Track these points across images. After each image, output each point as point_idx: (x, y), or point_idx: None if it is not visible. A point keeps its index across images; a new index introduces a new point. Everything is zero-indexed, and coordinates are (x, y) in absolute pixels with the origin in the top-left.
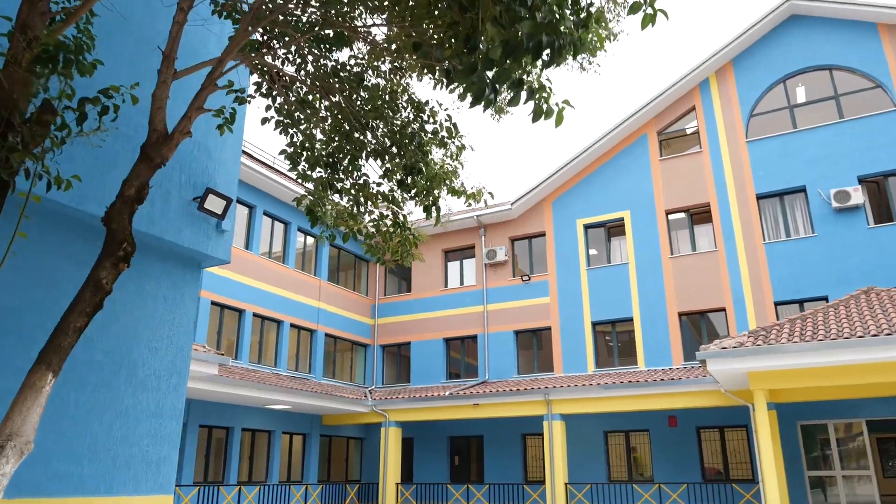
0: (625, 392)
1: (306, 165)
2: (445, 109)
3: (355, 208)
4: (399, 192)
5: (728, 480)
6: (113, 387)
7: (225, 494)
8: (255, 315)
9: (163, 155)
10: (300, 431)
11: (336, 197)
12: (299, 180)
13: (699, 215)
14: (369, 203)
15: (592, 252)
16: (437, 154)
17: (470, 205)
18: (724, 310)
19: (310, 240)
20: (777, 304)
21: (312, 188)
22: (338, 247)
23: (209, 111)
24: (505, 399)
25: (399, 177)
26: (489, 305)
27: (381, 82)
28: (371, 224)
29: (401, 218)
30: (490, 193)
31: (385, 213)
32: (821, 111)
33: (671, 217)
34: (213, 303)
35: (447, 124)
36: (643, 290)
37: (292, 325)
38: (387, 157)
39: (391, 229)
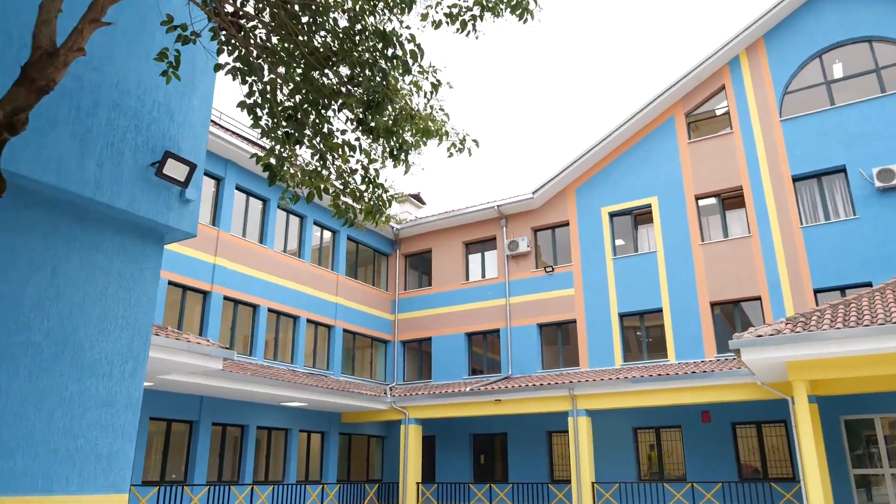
0: (654, 386)
1: (269, 120)
2: (413, 38)
3: (320, 163)
4: (364, 138)
5: (766, 479)
6: (54, 371)
7: (236, 494)
8: (270, 310)
9: (48, 76)
10: (318, 430)
11: (301, 151)
12: (263, 138)
13: (731, 200)
14: (335, 157)
15: (619, 241)
16: (407, 90)
17: (451, 154)
18: (759, 298)
19: (327, 234)
20: (816, 291)
21: (275, 144)
22: (356, 241)
23: (109, 24)
24: (527, 394)
25: (359, 115)
26: (512, 298)
27: (345, 20)
28: (339, 182)
29: (372, 172)
30: (475, 141)
31: (355, 167)
32: (860, 86)
33: (701, 202)
34: (225, 298)
35: (410, 46)
36: (673, 279)
37: (309, 321)
38: (349, 96)
39: (360, 187)
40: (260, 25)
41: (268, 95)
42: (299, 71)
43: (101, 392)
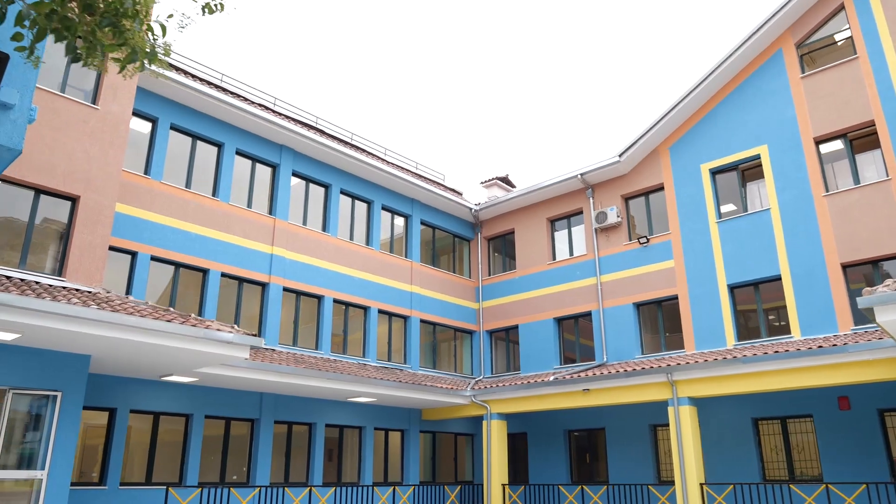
0: (769, 365)
1: None
2: None
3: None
4: None
5: None
6: None
7: (292, 496)
8: (336, 301)
9: None
10: (396, 427)
11: None
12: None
13: (861, 139)
14: None
15: (724, 202)
16: None
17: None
18: None
19: (399, 220)
20: None
21: None
22: (432, 225)
23: None
24: (617, 382)
25: None
26: (603, 276)
27: None
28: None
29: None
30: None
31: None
32: None
33: (823, 147)
34: (285, 289)
35: None
36: (792, 240)
37: (381, 312)
38: None
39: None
40: None
41: None
42: None
43: None
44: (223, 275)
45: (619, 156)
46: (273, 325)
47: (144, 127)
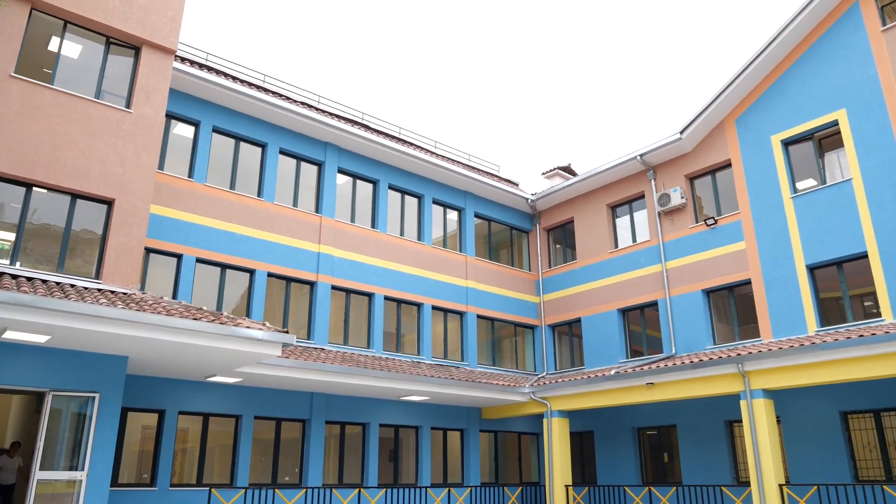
0: (857, 351)
1: None
2: None
3: None
4: None
5: None
6: None
7: (340, 498)
8: (387, 298)
9: None
10: (455, 427)
11: None
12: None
13: None
14: None
15: (799, 175)
16: None
17: None
18: None
19: (451, 213)
20: None
21: None
22: (487, 218)
23: None
24: (683, 375)
25: None
26: (668, 263)
27: None
28: None
29: None
30: None
31: None
32: None
33: None
34: (334, 287)
35: None
36: (879, 212)
37: (435, 308)
38: None
39: None
40: None
41: None
42: None
43: None
44: (269, 275)
45: (681, 133)
46: (322, 324)
47: (187, 131)
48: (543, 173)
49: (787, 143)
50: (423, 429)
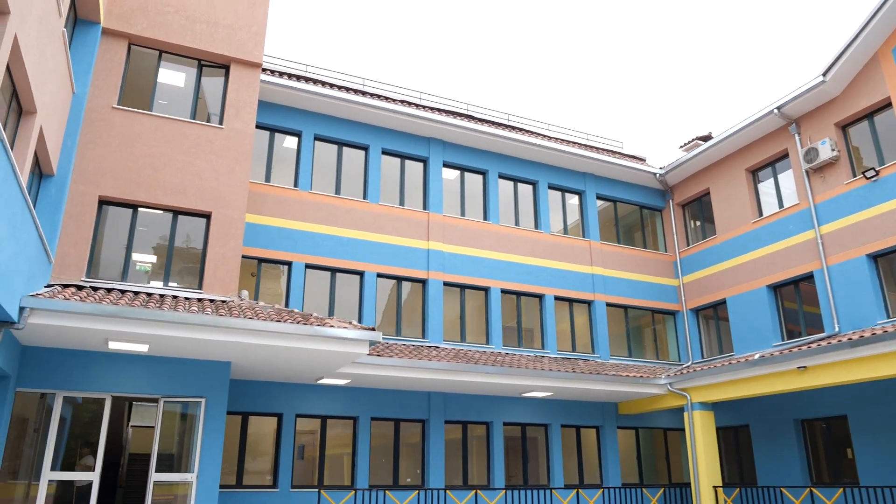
0: None
1: None
2: None
3: None
4: None
5: None
6: None
7: (455, 500)
8: (503, 291)
9: None
10: (588, 424)
11: None
12: None
13: None
14: None
15: None
16: None
17: None
18: None
19: (571, 198)
20: None
21: None
22: (611, 199)
23: None
24: (841, 355)
25: None
26: (822, 227)
27: None
28: None
29: None
30: None
31: None
32: None
33: None
34: (446, 284)
35: None
36: None
37: (558, 299)
38: None
39: None
40: None
41: None
42: None
43: None
44: (379, 275)
45: (823, 75)
46: (436, 321)
47: (291, 142)
48: (681, 146)
49: None
50: (552, 426)
